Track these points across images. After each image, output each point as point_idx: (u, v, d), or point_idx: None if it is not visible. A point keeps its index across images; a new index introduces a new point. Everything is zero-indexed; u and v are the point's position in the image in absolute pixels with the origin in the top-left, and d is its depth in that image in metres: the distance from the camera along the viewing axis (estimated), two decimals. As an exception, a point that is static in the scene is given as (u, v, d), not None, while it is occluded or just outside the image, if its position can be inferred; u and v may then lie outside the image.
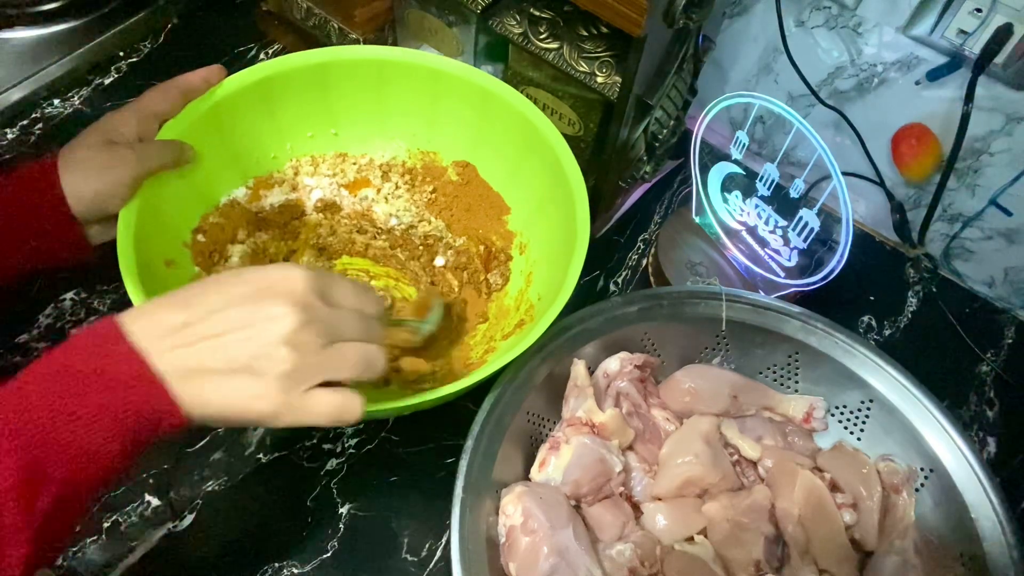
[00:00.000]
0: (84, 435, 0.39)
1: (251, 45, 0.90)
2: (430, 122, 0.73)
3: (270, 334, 0.42)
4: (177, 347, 0.41)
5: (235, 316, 0.43)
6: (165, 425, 0.41)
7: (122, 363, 0.40)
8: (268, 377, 0.42)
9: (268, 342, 0.42)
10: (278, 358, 0.42)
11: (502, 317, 0.69)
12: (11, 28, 0.84)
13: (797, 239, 0.67)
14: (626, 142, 0.69)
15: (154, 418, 0.41)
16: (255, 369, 0.42)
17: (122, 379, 0.40)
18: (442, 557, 0.62)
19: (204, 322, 0.42)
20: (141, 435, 0.41)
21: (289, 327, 0.42)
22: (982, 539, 0.55)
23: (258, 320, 0.43)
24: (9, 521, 0.36)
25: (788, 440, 0.63)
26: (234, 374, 0.42)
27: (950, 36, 0.65)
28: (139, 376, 0.40)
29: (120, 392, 0.40)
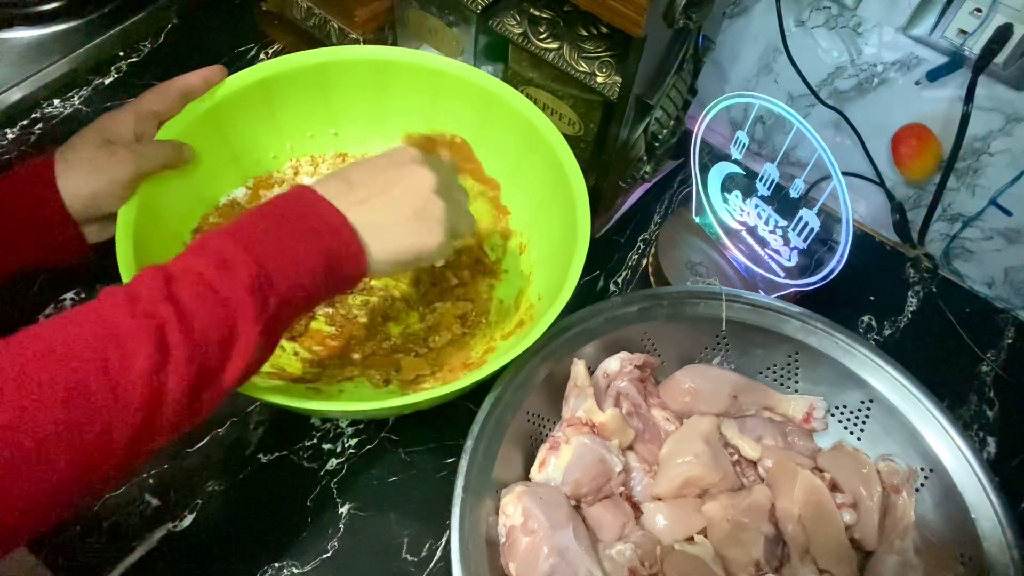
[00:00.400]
0: (300, 260, 0.47)
1: (251, 45, 0.90)
2: (430, 122, 0.73)
3: (421, 187, 0.53)
4: (354, 205, 0.50)
5: (387, 178, 0.53)
6: (350, 265, 0.50)
7: (325, 213, 0.49)
8: (433, 221, 0.53)
9: (422, 194, 0.53)
10: (435, 207, 0.53)
11: (502, 317, 0.69)
12: (11, 28, 0.84)
13: (797, 239, 0.67)
14: (626, 142, 0.69)
15: (347, 260, 0.49)
16: (421, 217, 0.52)
17: (327, 224, 0.49)
18: (442, 557, 0.62)
19: (365, 186, 0.52)
20: (335, 272, 0.49)
21: (432, 180, 0.53)
22: (982, 539, 0.55)
23: (406, 178, 0.53)
24: (249, 310, 0.44)
25: (788, 440, 0.63)
26: (405, 223, 0.52)
27: (950, 36, 0.65)
28: (339, 223, 0.49)
29: (326, 234, 0.49)
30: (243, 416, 0.66)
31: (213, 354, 0.43)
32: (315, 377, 0.65)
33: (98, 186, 0.56)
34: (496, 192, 0.73)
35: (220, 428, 0.65)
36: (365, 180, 0.52)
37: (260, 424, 0.66)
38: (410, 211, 0.52)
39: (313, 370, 0.66)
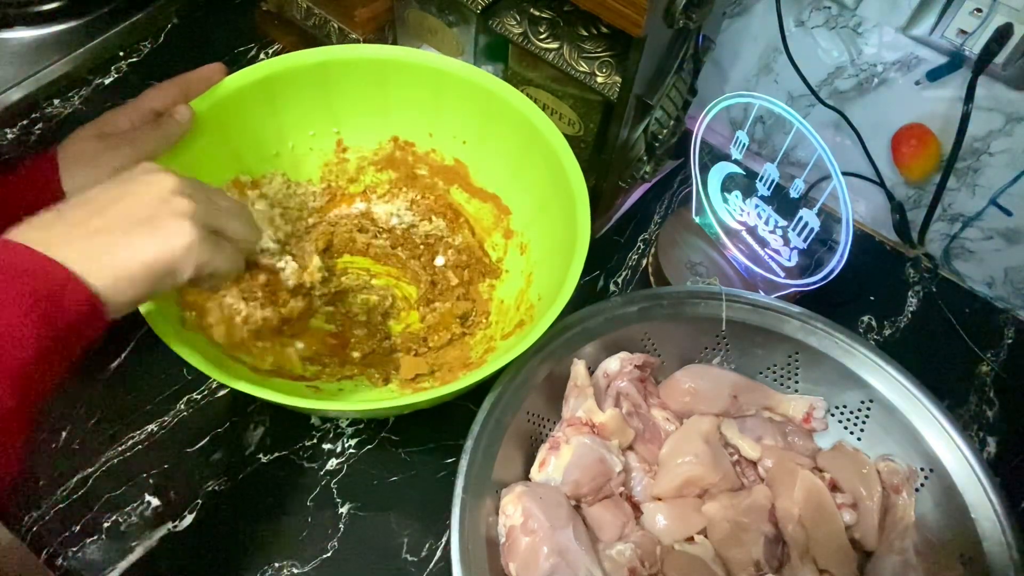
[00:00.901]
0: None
1: (251, 45, 0.90)
2: (432, 122, 0.73)
3: (157, 190, 0.44)
4: (66, 232, 0.42)
5: (115, 193, 0.44)
6: (75, 306, 0.41)
7: (13, 256, 0.40)
8: (172, 219, 0.43)
9: (160, 196, 0.44)
10: (176, 204, 0.44)
11: (502, 317, 0.69)
12: (11, 28, 0.84)
13: (797, 239, 0.67)
14: (626, 142, 0.69)
15: (62, 299, 0.40)
16: (157, 219, 0.43)
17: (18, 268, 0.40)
18: (442, 557, 0.62)
19: (81, 208, 0.43)
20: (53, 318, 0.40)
21: (172, 183, 0.45)
22: (982, 539, 0.55)
23: (138, 188, 0.44)
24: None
25: (788, 440, 0.63)
26: (138, 228, 0.43)
27: (950, 36, 0.65)
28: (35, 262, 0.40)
29: (19, 279, 0.40)
30: (243, 416, 0.66)
31: None
32: (315, 376, 0.65)
33: (98, 176, 0.55)
34: (497, 193, 0.73)
35: (220, 428, 0.66)
36: (82, 203, 0.44)
37: (260, 424, 0.66)
38: (139, 217, 0.44)
39: (313, 368, 0.66)
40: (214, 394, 0.67)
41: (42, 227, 0.43)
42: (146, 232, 0.43)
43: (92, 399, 0.66)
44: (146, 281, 0.43)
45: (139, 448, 0.64)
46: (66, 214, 0.43)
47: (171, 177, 0.46)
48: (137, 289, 0.43)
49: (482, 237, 0.74)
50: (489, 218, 0.74)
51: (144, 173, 0.46)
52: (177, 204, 0.44)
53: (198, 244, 0.45)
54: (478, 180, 0.74)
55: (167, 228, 0.44)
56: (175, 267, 0.44)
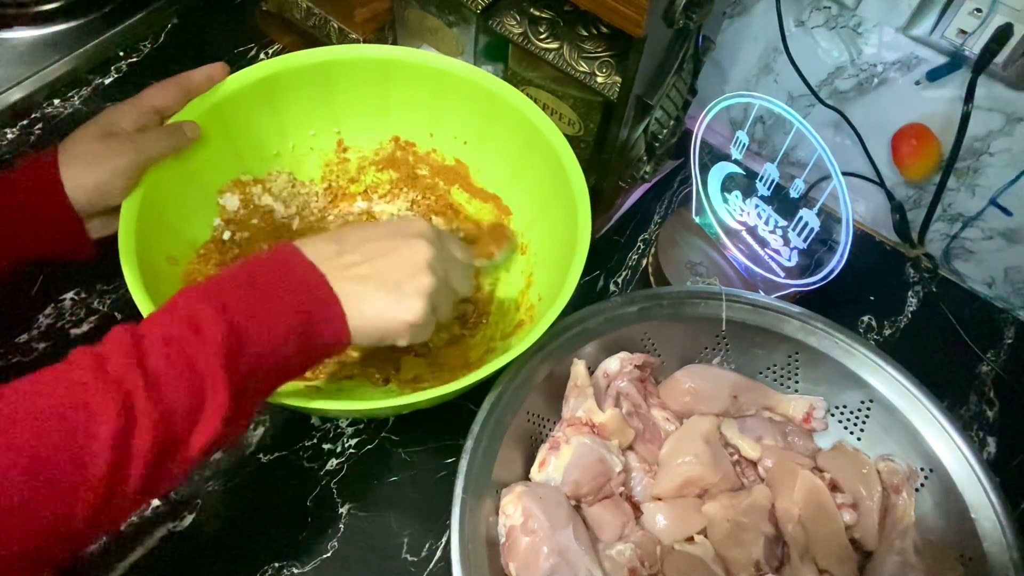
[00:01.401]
0: (273, 323, 0.45)
1: (251, 45, 0.90)
2: (432, 122, 0.73)
3: (414, 259, 0.51)
4: (339, 269, 0.48)
5: (383, 247, 0.51)
6: (330, 332, 0.48)
7: (304, 273, 0.48)
8: (414, 294, 0.50)
9: (413, 265, 0.51)
10: (422, 279, 0.50)
11: (502, 317, 0.69)
12: (11, 28, 0.84)
13: (797, 239, 0.67)
14: (626, 142, 0.69)
15: (322, 322, 0.47)
16: (403, 287, 0.50)
17: (306, 286, 0.47)
18: (442, 557, 0.62)
19: (357, 251, 0.50)
20: (311, 338, 0.47)
21: (428, 255, 0.51)
22: (982, 539, 0.55)
23: (402, 249, 0.51)
24: (218, 376, 0.42)
25: (788, 440, 0.63)
26: (387, 291, 0.49)
27: (950, 36, 0.65)
28: (317, 284, 0.47)
29: (303, 297, 0.47)
30: (243, 416, 0.66)
31: (180, 422, 0.41)
32: (314, 375, 0.65)
33: (100, 177, 0.55)
34: (497, 193, 0.73)
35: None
36: (358, 245, 0.50)
37: (260, 424, 0.66)
38: (393, 281, 0.50)
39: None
40: (214, 394, 0.67)
41: (325, 259, 0.49)
42: (392, 297, 0.49)
43: (92, 399, 0.65)
44: (375, 335, 0.50)
45: (139, 448, 0.64)
46: (344, 255, 0.49)
47: (429, 247, 0.52)
48: (367, 338, 0.50)
49: None
50: (489, 218, 0.74)
51: (413, 235, 0.52)
52: (422, 281, 0.50)
53: (420, 324, 0.51)
54: (479, 180, 0.74)
55: (407, 301, 0.50)
56: (397, 335, 0.51)
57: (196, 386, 0.42)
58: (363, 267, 0.49)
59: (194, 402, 0.42)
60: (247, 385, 0.44)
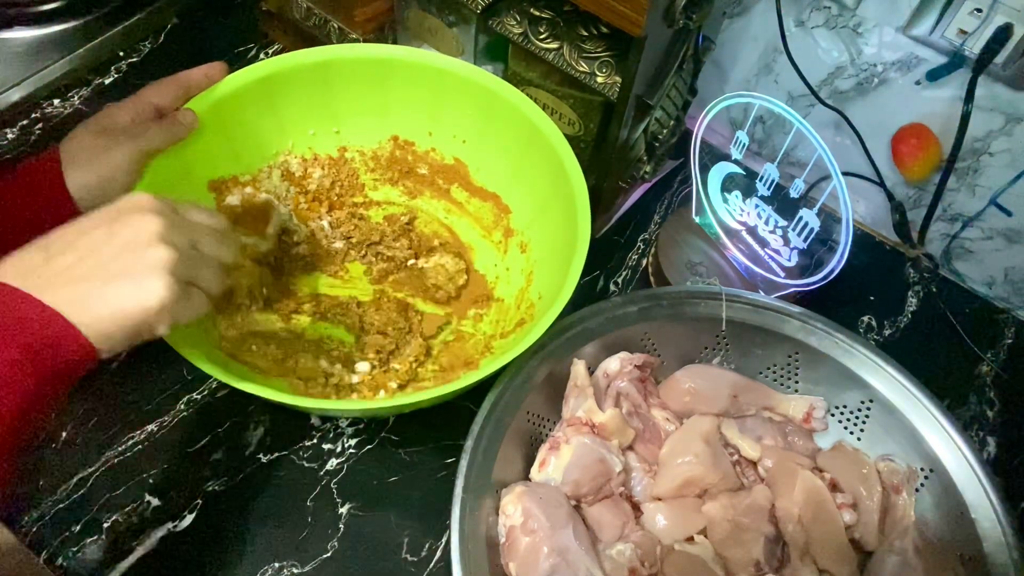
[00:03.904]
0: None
1: (251, 45, 0.90)
2: (432, 121, 0.73)
3: (139, 237, 0.44)
4: (51, 278, 0.42)
5: (98, 236, 0.44)
6: (67, 350, 0.41)
7: (7, 300, 0.41)
8: (149, 273, 0.43)
9: (141, 244, 0.44)
10: (155, 255, 0.44)
11: (502, 316, 0.69)
12: (11, 28, 0.84)
13: (797, 239, 0.67)
14: (626, 142, 0.69)
15: (59, 348, 0.41)
16: (135, 271, 0.43)
17: (11, 313, 0.41)
18: (442, 557, 0.62)
19: (69, 251, 0.43)
20: (51, 365, 0.41)
21: (156, 227, 0.44)
22: (982, 539, 0.55)
23: (123, 231, 0.44)
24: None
25: (788, 440, 0.63)
26: (117, 280, 0.43)
27: (950, 36, 0.65)
28: (27, 307, 0.41)
29: (12, 324, 0.40)
30: (243, 416, 0.66)
31: None
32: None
33: (101, 172, 0.55)
34: (497, 192, 0.73)
35: (220, 428, 0.65)
36: (70, 243, 0.44)
37: (260, 424, 0.66)
38: (118, 267, 0.43)
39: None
40: (214, 394, 0.67)
41: (30, 271, 0.42)
42: (123, 285, 0.43)
43: (92, 399, 0.65)
44: (124, 332, 0.44)
45: (139, 448, 0.64)
46: (53, 260, 0.43)
47: (156, 218, 0.45)
48: (117, 339, 0.44)
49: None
50: (489, 217, 0.74)
51: (132, 211, 0.45)
52: (155, 255, 0.44)
53: (171, 302, 0.44)
54: (478, 179, 0.74)
55: (143, 283, 0.43)
56: (150, 322, 0.45)
57: None
58: (79, 267, 0.43)
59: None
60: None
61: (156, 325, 0.45)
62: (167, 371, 0.67)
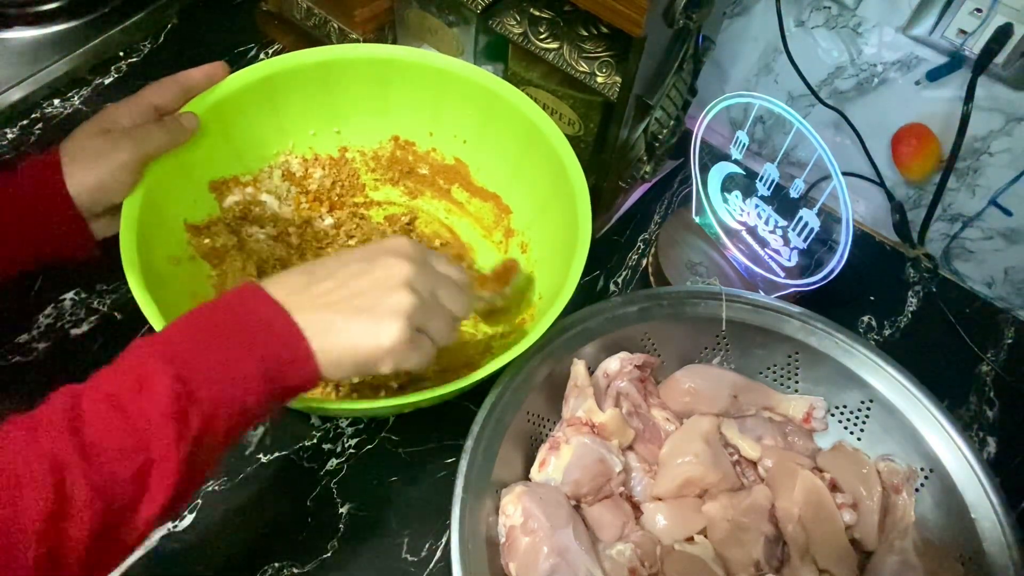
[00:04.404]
0: (230, 369, 0.41)
1: (251, 45, 0.90)
2: (432, 121, 0.73)
3: (390, 280, 0.46)
4: (308, 302, 0.45)
5: (355, 269, 0.47)
6: (296, 372, 0.44)
7: (265, 312, 0.44)
8: (390, 315, 0.45)
9: (389, 286, 0.46)
10: (398, 299, 0.46)
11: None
12: (11, 28, 0.84)
13: (797, 239, 0.67)
14: (626, 142, 0.69)
15: (291, 367, 0.43)
16: (377, 309, 0.45)
17: (266, 325, 0.43)
18: (442, 557, 0.62)
19: (329, 279, 0.46)
20: (275, 380, 0.43)
21: (406, 273, 0.47)
22: (982, 539, 0.55)
23: (377, 270, 0.47)
24: (166, 435, 0.39)
25: (788, 440, 0.63)
26: (359, 315, 0.45)
27: (950, 36, 0.65)
28: (279, 321, 0.43)
29: (263, 337, 0.43)
30: (243, 416, 0.66)
31: (123, 491, 0.38)
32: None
33: (102, 172, 0.55)
34: (498, 192, 0.73)
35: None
36: (332, 272, 0.47)
37: (260, 424, 0.66)
38: (366, 304, 0.45)
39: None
40: (214, 394, 0.67)
41: (293, 290, 0.45)
42: (364, 321, 0.45)
43: (92, 399, 0.65)
44: (351, 365, 0.46)
45: (139, 448, 0.64)
46: (313, 285, 0.46)
47: (408, 265, 0.47)
48: (344, 370, 0.46)
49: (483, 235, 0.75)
50: (490, 217, 0.74)
51: (390, 253, 0.48)
52: (399, 300, 0.46)
53: (402, 347, 0.46)
54: (479, 179, 0.74)
55: (381, 324, 0.45)
56: (376, 362, 0.46)
57: (141, 450, 0.38)
58: (334, 294, 0.45)
59: (140, 468, 0.38)
60: (201, 440, 0.40)
61: (381, 365, 0.47)
62: (167, 371, 0.67)
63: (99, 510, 0.37)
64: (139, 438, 0.38)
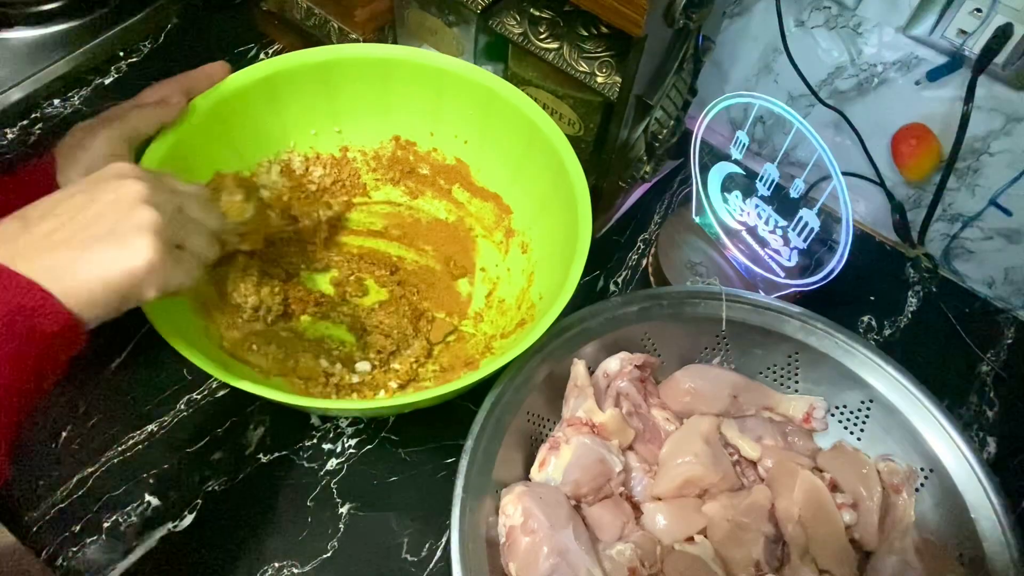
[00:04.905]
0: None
1: (251, 45, 0.90)
2: (433, 121, 0.73)
3: (122, 200, 0.42)
4: (31, 247, 0.40)
5: (79, 201, 0.42)
6: (50, 325, 0.39)
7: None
8: (135, 233, 0.41)
9: (124, 207, 0.42)
10: (139, 216, 0.42)
11: (502, 316, 0.69)
12: (11, 28, 0.84)
13: (797, 239, 0.67)
14: (626, 142, 0.69)
15: (36, 319, 0.39)
16: (119, 233, 0.41)
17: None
18: (442, 557, 0.62)
19: (49, 218, 0.41)
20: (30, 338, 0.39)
21: (139, 189, 0.43)
22: (982, 539, 0.55)
23: (104, 195, 0.42)
24: None
25: (788, 440, 0.63)
26: (98, 244, 0.41)
27: (950, 36, 0.65)
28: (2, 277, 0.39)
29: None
30: (243, 416, 0.66)
31: None
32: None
33: (85, 162, 0.54)
34: (498, 192, 0.73)
35: (220, 428, 0.66)
36: (49, 210, 0.42)
37: (260, 424, 0.66)
38: (101, 230, 0.41)
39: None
40: (214, 394, 0.67)
41: (6, 241, 0.41)
42: (107, 248, 0.41)
43: (92, 399, 0.65)
44: (109, 300, 0.42)
45: (139, 448, 0.64)
46: (31, 228, 0.41)
47: (138, 182, 0.43)
48: (101, 308, 0.42)
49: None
50: (490, 217, 0.74)
51: (112, 177, 0.44)
52: (141, 216, 0.42)
53: (159, 265, 0.43)
54: (479, 179, 0.74)
55: (128, 244, 0.42)
56: (138, 286, 0.43)
57: None
58: (58, 233, 0.41)
59: None
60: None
61: (144, 289, 0.43)
62: (167, 371, 0.67)
63: None
64: None
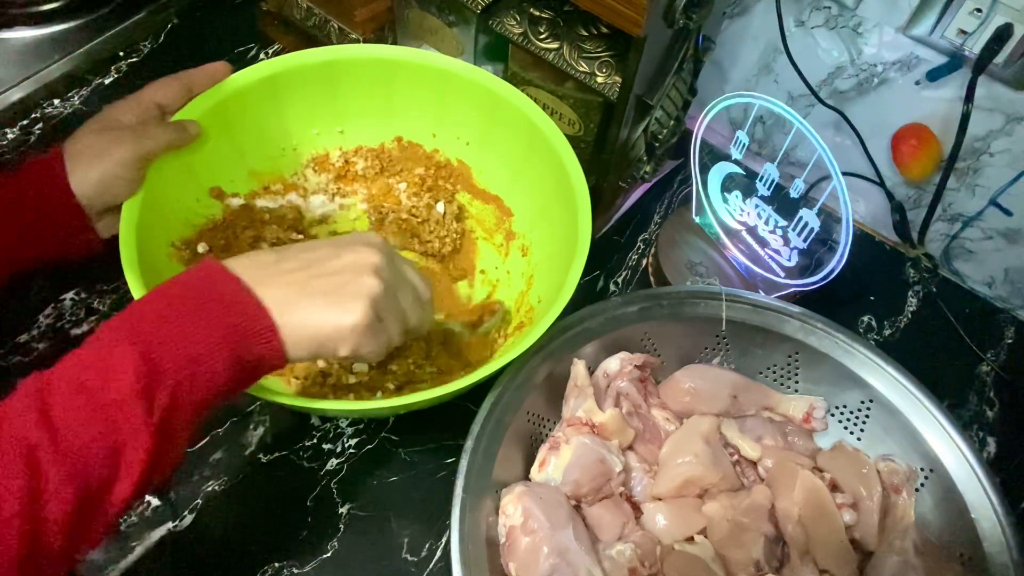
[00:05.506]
0: (193, 341, 0.42)
1: (251, 45, 0.90)
2: (435, 122, 0.73)
3: (358, 265, 0.47)
4: (273, 278, 0.45)
5: (323, 254, 0.48)
6: (260, 344, 0.44)
7: (227, 287, 0.44)
8: (355, 296, 0.46)
9: (356, 270, 0.47)
10: (365, 282, 0.47)
11: (502, 319, 0.69)
12: (11, 28, 0.84)
13: (797, 239, 0.67)
14: (626, 142, 0.69)
15: (254, 338, 0.44)
16: (343, 290, 0.46)
17: (226, 299, 0.44)
18: (442, 557, 0.62)
19: (296, 261, 0.47)
20: (242, 353, 0.43)
21: (375, 261, 0.48)
22: (982, 539, 0.55)
23: (346, 256, 0.48)
24: (134, 413, 0.39)
25: (788, 440, 0.63)
26: (324, 296, 0.46)
27: (950, 36, 0.65)
28: (241, 297, 0.44)
29: (223, 309, 0.43)
30: (243, 416, 0.66)
31: (96, 472, 0.38)
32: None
33: (104, 169, 0.55)
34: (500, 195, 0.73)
35: (220, 428, 0.65)
36: (299, 254, 0.48)
37: (260, 424, 0.66)
38: (329, 285, 0.46)
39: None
40: (214, 394, 0.67)
41: (257, 266, 0.46)
42: (329, 301, 0.46)
43: (92, 399, 0.65)
44: (312, 345, 0.46)
45: (139, 448, 0.64)
46: (280, 264, 0.47)
47: (378, 255, 0.48)
48: (303, 349, 0.46)
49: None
50: (491, 219, 0.74)
51: (361, 243, 0.49)
52: (366, 283, 0.47)
53: (363, 329, 0.46)
54: (481, 181, 0.74)
55: (346, 304, 0.46)
56: (337, 343, 0.46)
57: (110, 429, 0.39)
58: (299, 274, 0.46)
59: (111, 447, 0.39)
60: (171, 416, 0.41)
61: (340, 346, 0.47)
62: (167, 371, 0.67)
63: (73, 491, 0.38)
64: (107, 418, 0.39)
